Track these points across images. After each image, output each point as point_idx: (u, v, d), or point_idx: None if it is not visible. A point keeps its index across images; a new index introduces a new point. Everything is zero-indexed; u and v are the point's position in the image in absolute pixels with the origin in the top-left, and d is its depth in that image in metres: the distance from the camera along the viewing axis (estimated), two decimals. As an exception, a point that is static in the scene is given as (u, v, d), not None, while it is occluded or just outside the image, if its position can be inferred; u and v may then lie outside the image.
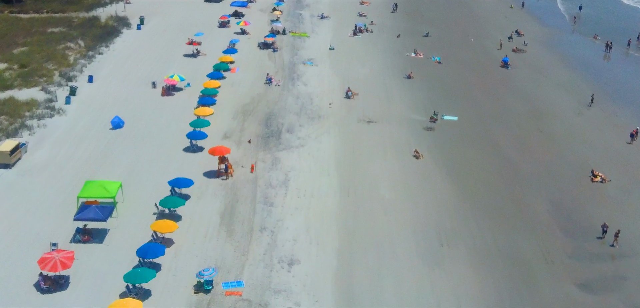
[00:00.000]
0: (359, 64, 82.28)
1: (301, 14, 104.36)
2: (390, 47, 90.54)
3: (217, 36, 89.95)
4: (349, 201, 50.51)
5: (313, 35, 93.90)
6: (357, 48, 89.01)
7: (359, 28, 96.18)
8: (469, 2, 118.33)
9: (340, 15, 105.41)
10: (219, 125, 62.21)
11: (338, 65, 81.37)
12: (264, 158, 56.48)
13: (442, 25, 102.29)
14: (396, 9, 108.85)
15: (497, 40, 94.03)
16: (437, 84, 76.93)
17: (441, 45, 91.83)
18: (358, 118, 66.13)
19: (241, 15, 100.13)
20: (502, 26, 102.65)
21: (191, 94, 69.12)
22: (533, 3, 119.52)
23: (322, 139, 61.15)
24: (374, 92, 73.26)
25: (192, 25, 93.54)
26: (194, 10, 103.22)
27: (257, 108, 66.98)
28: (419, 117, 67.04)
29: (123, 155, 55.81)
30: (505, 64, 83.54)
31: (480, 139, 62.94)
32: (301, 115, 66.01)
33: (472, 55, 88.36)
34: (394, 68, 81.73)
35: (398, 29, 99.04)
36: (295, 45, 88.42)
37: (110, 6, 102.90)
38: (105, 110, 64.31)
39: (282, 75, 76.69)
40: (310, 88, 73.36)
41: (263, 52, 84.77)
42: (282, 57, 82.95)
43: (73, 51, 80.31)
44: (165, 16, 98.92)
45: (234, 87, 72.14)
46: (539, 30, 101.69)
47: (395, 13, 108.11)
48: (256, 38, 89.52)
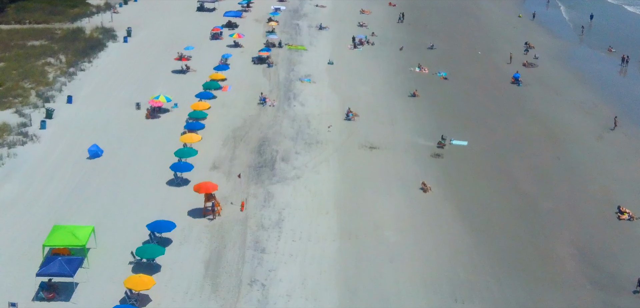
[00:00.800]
0: (359, 81, 76.82)
1: (298, 25, 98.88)
2: (393, 61, 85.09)
3: (209, 49, 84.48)
4: (350, 246, 44.98)
5: (311, 48, 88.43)
6: (358, 62, 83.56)
7: (360, 40, 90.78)
8: (475, 11, 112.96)
9: (340, 25, 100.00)
10: (207, 153, 56.72)
11: (337, 82, 75.92)
12: (255, 193, 50.94)
13: (448, 37, 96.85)
14: (402, 19, 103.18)
15: (506, 53, 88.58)
16: (443, 103, 71.47)
17: (447, 59, 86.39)
18: (359, 143, 60.65)
19: (235, 27, 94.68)
20: (511, 37, 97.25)
21: (178, 116, 63.63)
22: (541, 12, 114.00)
23: (320, 168, 55.65)
24: (376, 112, 67.81)
25: (182, 38, 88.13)
26: (185, 21, 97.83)
27: (250, 133, 61.45)
28: (426, 142, 61.56)
29: (99, 190, 50.24)
30: (517, 80, 78.10)
31: (493, 168, 57.45)
32: (297, 140, 60.52)
33: (481, 70, 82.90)
34: (397, 85, 76.26)
35: (401, 40, 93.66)
36: (292, 59, 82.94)
37: (96, 16, 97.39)
38: (83, 136, 58.79)
39: (277, 94, 71.18)
40: (308, 108, 67.87)
41: (257, 67, 79.31)
42: (278, 73, 77.46)
43: (53, 67, 74.76)
44: (155, 27, 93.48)
45: (225, 108, 66.64)
46: (549, 42, 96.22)
47: (401, 23, 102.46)
48: (250, 51, 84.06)
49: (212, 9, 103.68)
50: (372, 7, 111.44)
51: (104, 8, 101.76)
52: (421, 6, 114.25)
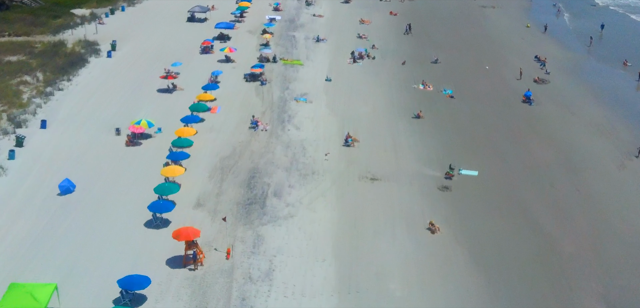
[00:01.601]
0: (359, 100, 71.36)
1: (294, 36, 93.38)
2: (395, 76, 79.62)
3: (198, 65, 79.00)
4: (349, 303, 39.53)
5: (307, 62, 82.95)
6: (358, 78, 78.09)
7: (359, 54, 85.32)
8: (480, 20, 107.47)
9: (338, 37, 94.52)
10: (191, 187, 51.29)
11: (336, 102, 70.47)
12: (243, 237, 45.48)
13: (452, 49, 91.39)
14: (409, 31, 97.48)
15: (515, 67, 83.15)
16: (450, 126, 66.03)
17: (452, 74, 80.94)
18: (360, 174, 55.22)
19: (227, 39, 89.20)
20: (520, 49, 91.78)
21: (162, 142, 58.23)
22: (549, 21, 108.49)
23: (316, 205, 50.19)
24: (377, 137, 62.38)
25: (170, 51, 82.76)
26: (174, 32, 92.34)
27: (239, 162, 55.98)
28: (432, 171, 56.14)
29: (68, 235, 44.77)
30: (528, 99, 72.65)
31: (507, 203, 52.01)
32: (291, 171, 55.05)
33: (489, 87, 77.42)
34: (399, 104, 70.80)
35: (403, 53, 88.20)
36: (287, 76, 77.45)
37: (81, 28, 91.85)
38: (56, 168, 53.36)
39: (270, 116, 65.70)
40: (303, 133, 62.41)
41: (250, 85, 73.83)
42: (272, 92, 71.96)
43: (29, 86, 69.27)
44: (142, 39, 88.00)
45: (213, 132, 61.20)
46: (559, 55, 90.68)
47: (407, 35, 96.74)
48: (243, 67, 78.59)
49: (204, 20, 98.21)
50: (372, 16, 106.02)
51: (89, 18, 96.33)
52: (423, 15, 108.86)
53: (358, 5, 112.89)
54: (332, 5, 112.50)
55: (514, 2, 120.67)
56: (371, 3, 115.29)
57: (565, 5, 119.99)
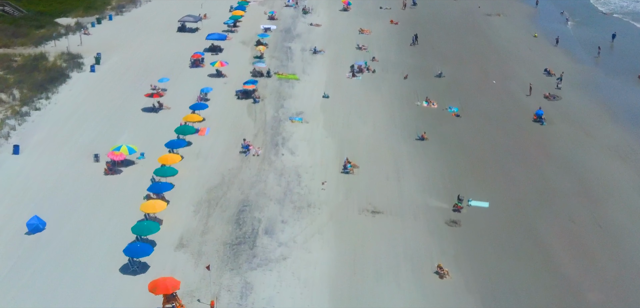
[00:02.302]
0: (359, 119, 66.56)
1: (290, 48, 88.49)
2: (397, 92, 74.79)
3: (187, 80, 74.15)
4: (349, 368, 34.78)
5: (304, 76, 78.08)
6: (357, 95, 73.24)
7: (359, 67, 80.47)
8: (485, 29, 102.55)
9: (337, 47, 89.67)
10: (174, 224, 46.51)
11: (334, 122, 65.64)
12: (230, 285, 40.68)
13: (457, 61, 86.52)
14: (416, 41, 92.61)
15: (523, 82, 78.39)
16: (457, 149, 61.21)
17: (458, 90, 76.10)
18: (360, 206, 50.43)
19: (219, 51, 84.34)
20: (528, 61, 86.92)
21: (145, 170, 53.50)
22: (557, 31, 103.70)
23: (311, 244, 45.41)
24: (378, 162, 57.59)
25: (158, 65, 77.97)
26: (163, 43, 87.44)
27: (228, 194, 51.13)
28: (439, 203, 51.34)
29: (32, 285, 40.02)
30: (540, 118, 67.81)
31: (523, 241, 47.19)
32: (285, 203, 50.21)
33: (497, 104, 72.58)
34: (402, 124, 65.98)
35: (405, 66, 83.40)
36: (282, 92, 72.58)
37: (65, 38, 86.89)
38: (26, 201, 48.63)
39: (263, 139, 60.85)
40: (299, 157, 57.58)
41: (241, 103, 68.96)
42: (265, 111, 67.10)
43: (3, 106, 64.40)
44: (128, 52, 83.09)
45: (201, 158, 56.35)
46: (569, 67, 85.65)
47: (413, 46, 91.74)
48: (235, 82, 73.76)
49: (195, 30, 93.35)
50: (372, 25, 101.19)
51: (74, 28, 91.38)
52: (426, 23, 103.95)
53: (357, 14, 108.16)
54: (330, 14, 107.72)
55: (520, 10, 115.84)
56: (371, 11, 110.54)
57: (570, 13, 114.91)
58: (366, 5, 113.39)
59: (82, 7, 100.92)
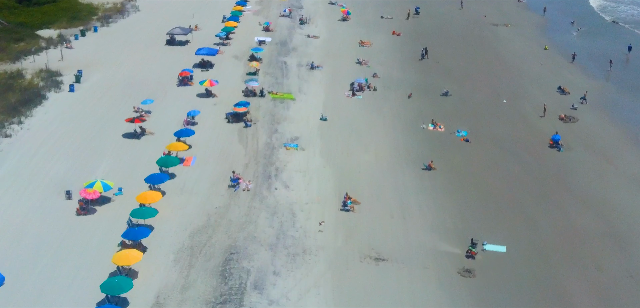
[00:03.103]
0: (359, 145, 61.04)
1: (286, 63, 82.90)
2: (401, 113, 69.27)
3: (174, 100, 68.60)
4: None
5: (300, 96, 72.52)
6: (357, 116, 67.73)
7: (359, 85, 74.93)
8: (492, 41, 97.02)
9: (335, 62, 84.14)
10: (151, 278, 40.99)
11: (332, 149, 60.12)
12: (212, 357, 35.13)
13: (464, 77, 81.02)
14: (426, 56, 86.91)
15: (536, 101, 72.98)
16: (467, 180, 55.72)
17: (466, 111, 70.63)
18: (361, 251, 44.97)
19: (209, 66, 78.79)
20: (540, 78, 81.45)
21: (122, 208, 48.00)
22: (568, 42, 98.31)
23: (307, 301, 39.97)
24: (381, 196, 52.12)
25: (143, 83, 72.45)
26: (150, 58, 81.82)
27: (213, 238, 45.57)
28: (450, 247, 45.88)
29: (-19, 359, 34.43)
30: (557, 144, 62.34)
31: (546, 295, 41.77)
32: (277, 249, 44.69)
33: (509, 127, 67.04)
34: (407, 151, 60.48)
35: (409, 83, 77.94)
36: (276, 114, 67.02)
37: (46, 52, 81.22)
38: (-16, 249, 42.97)
39: (254, 170, 55.28)
40: (293, 193, 52.02)
41: (232, 127, 63.41)
42: (257, 137, 61.55)
43: (-29, 132, 58.83)
44: (112, 68, 77.47)
45: (184, 194, 50.79)
46: (584, 83, 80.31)
47: (422, 61, 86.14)
48: (225, 102, 68.24)
49: (185, 42, 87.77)
50: (373, 36, 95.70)
51: (56, 41, 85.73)
52: (430, 35, 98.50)
53: (357, 24, 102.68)
54: (329, 24, 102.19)
55: (528, 19, 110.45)
56: (371, 21, 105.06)
57: (579, 23, 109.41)
58: (366, 15, 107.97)
59: (66, 17, 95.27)
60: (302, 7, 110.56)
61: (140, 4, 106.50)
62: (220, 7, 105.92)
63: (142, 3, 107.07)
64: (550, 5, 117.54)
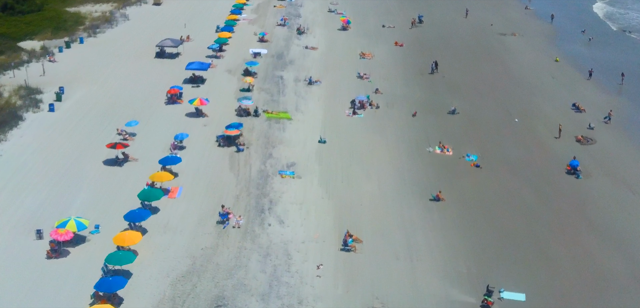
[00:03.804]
0: (361, 172, 56.20)
1: (282, 77, 78.02)
2: (405, 134, 64.41)
3: (161, 121, 63.78)
4: None
5: (297, 114, 67.69)
6: (359, 138, 62.88)
7: (361, 102, 70.07)
8: (501, 53, 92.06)
9: (335, 76, 79.30)
10: (126, 338, 36.06)
11: (331, 176, 55.29)
12: None
13: (472, 93, 76.15)
14: (436, 69, 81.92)
15: (550, 120, 68.17)
16: (480, 215, 50.79)
17: (475, 131, 65.82)
18: (364, 303, 40.24)
19: (200, 82, 73.94)
20: (552, 93, 76.59)
21: (98, 249, 43.18)
22: (579, 53, 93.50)
23: (303, 366, 35.04)
24: (386, 234, 47.28)
25: (129, 101, 67.77)
26: (138, 72, 76.97)
27: (198, 287, 40.68)
28: (464, 295, 41.12)
29: None
30: (575, 170, 57.51)
31: (573, 355, 36.91)
32: (270, 300, 39.89)
33: (522, 150, 62.17)
34: (413, 179, 55.61)
35: (413, 99, 73.12)
36: (271, 136, 62.16)
37: (26, 66, 76.33)
38: (-61, 302, 38.10)
39: (246, 202, 50.40)
40: (289, 230, 47.15)
41: (223, 151, 58.55)
42: (250, 163, 56.68)
43: (-63, 159, 53.95)
44: (96, 83, 72.73)
45: (168, 233, 45.90)
46: (598, 99, 75.51)
47: (432, 74, 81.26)
48: (216, 123, 63.48)
49: (175, 55, 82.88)
50: (375, 47, 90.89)
51: (39, 54, 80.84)
52: (434, 46, 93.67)
53: (357, 33, 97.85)
54: (328, 34, 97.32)
55: (536, 28, 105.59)
56: (373, 30, 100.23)
57: (589, 32, 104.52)
58: (367, 24, 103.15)
59: (51, 27, 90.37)
60: (300, 15, 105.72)
61: (130, 12, 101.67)
62: (214, 15, 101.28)
63: (132, 12, 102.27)
64: (558, 13, 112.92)
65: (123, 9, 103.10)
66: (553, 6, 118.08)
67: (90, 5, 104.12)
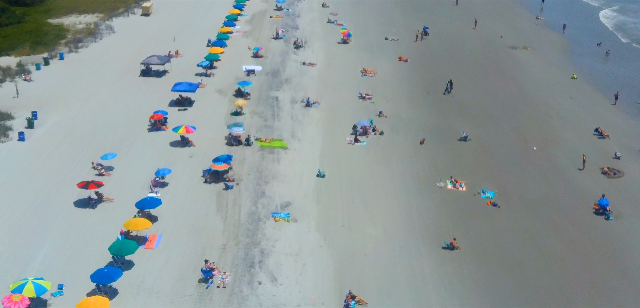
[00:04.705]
0: (365, 213, 50.00)
1: (277, 99, 71.78)
2: (413, 166, 58.16)
3: (142, 152, 57.58)
4: None
5: (293, 142, 61.48)
6: (362, 171, 56.68)
7: (363, 128, 63.88)
8: (512, 70, 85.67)
9: (335, 97, 73.14)
10: None
11: (331, 219, 49.06)
12: None
13: (483, 116, 69.94)
14: (450, 89, 75.58)
15: (572, 148, 62.20)
16: (501, 267, 44.58)
17: (489, 161, 59.67)
18: None
19: (188, 104, 67.76)
20: (572, 116, 70.40)
21: (59, 317, 36.90)
22: (596, 69, 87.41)
23: None
24: (395, 293, 41.21)
25: (108, 127, 61.75)
26: (120, 93, 70.79)
27: (174, 368, 34.47)
28: None
29: None
30: (604, 210, 51.29)
31: None
32: None
33: (543, 185, 55.91)
34: (423, 223, 49.38)
35: (420, 123, 67.02)
36: (264, 170, 55.92)
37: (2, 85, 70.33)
38: None
39: (234, 254, 44.14)
40: (282, 289, 40.93)
41: (209, 189, 52.30)
42: (239, 204, 50.43)
43: None
44: (74, 106, 66.55)
45: (141, 296, 39.71)
46: (623, 123, 69.34)
47: (448, 94, 75.03)
48: (204, 154, 57.28)
49: (162, 73, 76.65)
50: (377, 63, 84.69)
51: (14, 71, 74.64)
52: (441, 61, 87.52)
53: (359, 47, 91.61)
54: (327, 47, 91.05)
55: (549, 40, 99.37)
56: (375, 43, 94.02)
57: (605, 45, 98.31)
58: (369, 36, 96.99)
59: (30, 42, 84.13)
60: (298, 27, 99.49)
61: (116, 24, 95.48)
62: (206, 27, 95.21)
63: (118, 23, 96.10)
64: (568, 22, 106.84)
65: (109, 20, 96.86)
66: (564, 15, 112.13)
67: (75, 16, 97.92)
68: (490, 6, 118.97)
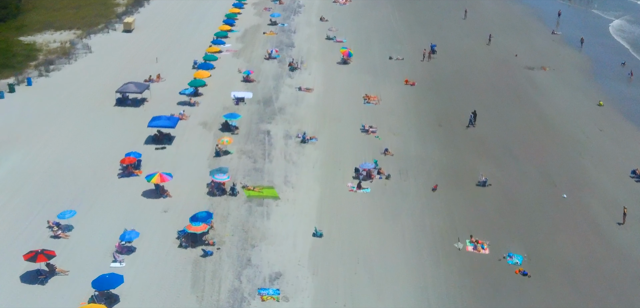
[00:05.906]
0: (371, 289, 41.75)
1: (269, 133, 63.37)
2: (425, 221, 49.75)
3: (109, 204, 49.30)
4: None
5: (286, 190, 53.05)
6: (366, 229, 48.31)
7: (367, 171, 55.49)
8: (530, 94, 76.94)
9: (334, 130, 64.81)
10: None
11: (330, 297, 40.79)
12: None
13: (503, 153, 61.53)
14: (474, 122, 66.64)
15: (607, 195, 53.96)
16: (538, 361, 36.22)
17: (514, 214, 51.27)
18: None
19: (166, 142, 59.42)
20: (604, 153, 61.96)
21: None
22: (621, 92, 79.11)
23: None
24: None
25: (71, 173, 53.60)
26: (90, 128, 62.51)
27: None
28: None
29: None
30: (656, 281, 43.00)
31: None
32: None
33: (579, 245, 47.56)
34: (440, 300, 41.23)
35: (431, 163, 58.72)
36: (250, 229, 47.51)
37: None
38: None
39: (210, 351, 35.77)
40: None
41: (185, 256, 43.93)
42: (219, 277, 42.06)
43: None
44: (36, 145, 58.30)
45: None
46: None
47: (472, 127, 66.39)
48: (182, 206, 49.03)
49: (140, 102, 68.24)
50: (381, 87, 76.27)
51: (-23, 100, 66.45)
52: (452, 85, 79.01)
53: (360, 68, 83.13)
54: (326, 69, 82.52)
55: (568, 59, 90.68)
56: (378, 63, 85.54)
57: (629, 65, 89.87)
58: (371, 55, 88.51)
59: (-5, 65, 75.81)
60: (294, 45, 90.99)
61: (94, 42, 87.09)
62: (193, 46, 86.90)
63: (97, 41, 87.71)
64: (586, 36, 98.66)
65: (87, 37, 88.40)
66: (578, 28, 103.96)
67: (50, 33, 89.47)
68: (501, 19, 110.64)
